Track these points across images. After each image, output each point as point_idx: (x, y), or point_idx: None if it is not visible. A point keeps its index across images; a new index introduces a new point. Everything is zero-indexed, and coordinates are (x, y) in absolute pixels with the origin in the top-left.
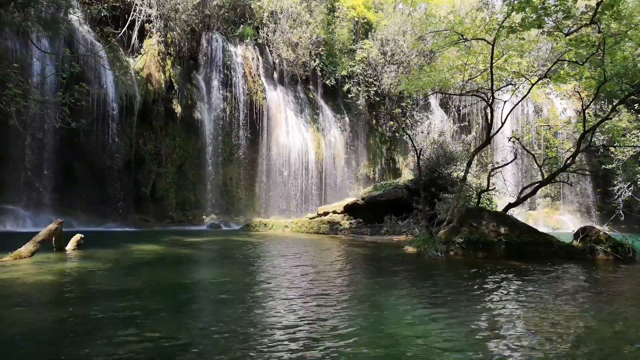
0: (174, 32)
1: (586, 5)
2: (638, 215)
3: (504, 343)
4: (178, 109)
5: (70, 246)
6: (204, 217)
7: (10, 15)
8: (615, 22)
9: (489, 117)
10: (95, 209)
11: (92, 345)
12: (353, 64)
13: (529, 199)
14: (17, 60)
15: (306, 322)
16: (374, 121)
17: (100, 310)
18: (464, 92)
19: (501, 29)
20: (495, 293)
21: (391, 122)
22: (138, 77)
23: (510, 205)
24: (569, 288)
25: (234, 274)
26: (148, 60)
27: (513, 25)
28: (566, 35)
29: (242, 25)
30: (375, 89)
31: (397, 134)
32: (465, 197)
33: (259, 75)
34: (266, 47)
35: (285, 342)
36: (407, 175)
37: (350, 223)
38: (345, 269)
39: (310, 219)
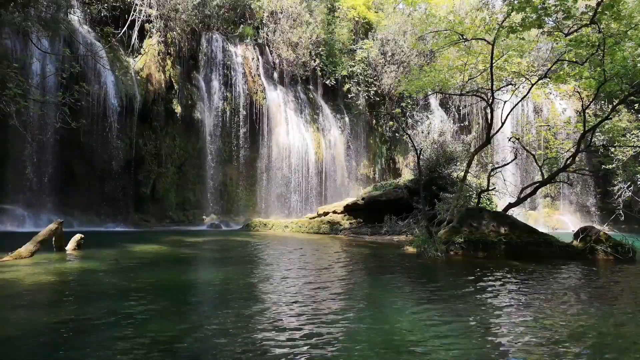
0: (174, 32)
1: (586, 5)
2: (638, 215)
3: (503, 342)
4: (178, 109)
5: (70, 246)
6: (204, 217)
7: (10, 15)
8: (615, 22)
9: (489, 117)
10: (95, 209)
11: (92, 345)
12: (353, 64)
13: (529, 199)
14: (17, 60)
15: (306, 321)
16: (374, 121)
17: (100, 310)
18: (464, 92)
19: (501, 29)
20: (495, 293)
21: (391, 122)
22: (138, 77)
23: (510, 205)
24: (569, 288)
25: (234, 274)
26: (148, 60)
27: (513, 25)
28: (566, 35)
29: (242, 25)
30: (375, 89)
31: (397, 134)
32: (465, 197)
33: (259, 75)
34: (266, 47)
35: (285, 342)
36: (407, 175)
37: (350, 223)
38: (345, 269)
39: (310, 219)
